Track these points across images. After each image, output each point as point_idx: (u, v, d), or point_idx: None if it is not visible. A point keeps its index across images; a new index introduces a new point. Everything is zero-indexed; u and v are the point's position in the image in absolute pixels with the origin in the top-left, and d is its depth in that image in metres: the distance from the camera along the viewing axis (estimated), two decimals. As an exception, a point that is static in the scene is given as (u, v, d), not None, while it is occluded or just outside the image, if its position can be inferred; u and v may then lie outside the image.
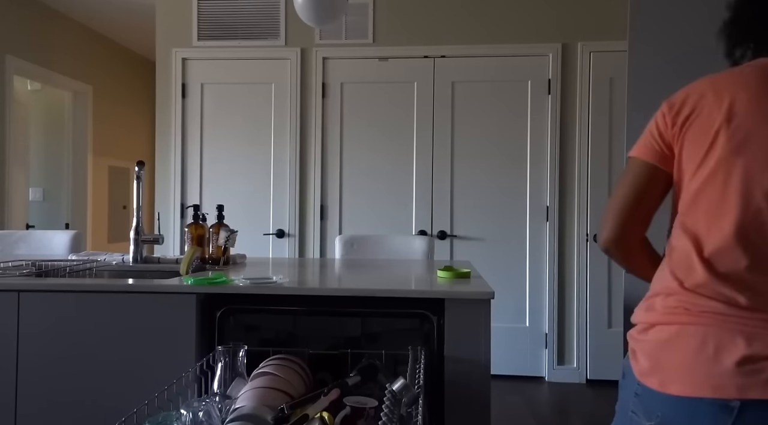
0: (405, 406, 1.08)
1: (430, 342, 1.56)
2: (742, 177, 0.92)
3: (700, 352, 0.89)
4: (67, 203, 4.93)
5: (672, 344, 0.92)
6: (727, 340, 0.88)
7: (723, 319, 0.89)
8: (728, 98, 0.95)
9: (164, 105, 3.94)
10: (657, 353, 0.93)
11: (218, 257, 2.13)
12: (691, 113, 0.98)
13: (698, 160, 0.97)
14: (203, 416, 1.12)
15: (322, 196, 3.86)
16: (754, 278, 0.90)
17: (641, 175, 1.04)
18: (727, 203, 0.93)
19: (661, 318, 0.95)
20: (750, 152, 0.92)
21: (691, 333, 0.90)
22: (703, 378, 0.87)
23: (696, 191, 0.97)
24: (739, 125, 0.93)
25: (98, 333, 1.60)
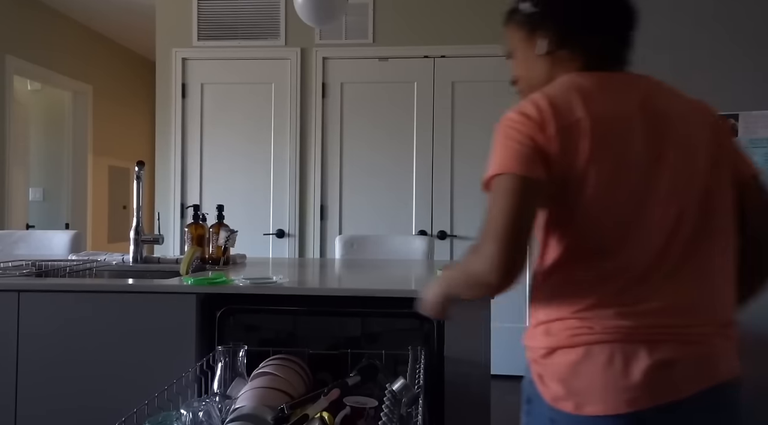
0: (405, 406, 1.08)
1: (430, 342, 1.55)
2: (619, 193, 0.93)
3: (609, 369, 0.89)
4: (67, 203, 4.93)
5: (581, 365, 0.91)
6: (631, 352, 0.89)
7: (624, 332, 0.90)
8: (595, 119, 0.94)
9: (164, 105, 3.94)
10: (567, 376, 0.92)
11: (218, 257, 2.13)
12: (569, 130, 0.94)
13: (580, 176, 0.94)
14: (203, 416, 1.12)
15: (322, 196, 3.86)
16: (644, 289, 0.92)
17: (524, 193, 0.93)
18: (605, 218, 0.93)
19: (564, 342, 0.93)
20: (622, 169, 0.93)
21: (597, 352, 0.90)
22: (616, 394, 0.88)
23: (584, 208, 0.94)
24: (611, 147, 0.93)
25: (98, 333, 1.60)
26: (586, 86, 0.98)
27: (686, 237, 0.94)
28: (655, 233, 0.93)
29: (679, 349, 0.90)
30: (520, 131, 0.95)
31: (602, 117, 0.94)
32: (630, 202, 0.93)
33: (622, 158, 0.93)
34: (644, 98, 0.99)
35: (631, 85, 1.01)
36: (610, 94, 0.98)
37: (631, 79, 1.02)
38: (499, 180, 0.95)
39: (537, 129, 0.94)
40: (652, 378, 0.88)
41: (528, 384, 1.02)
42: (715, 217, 0.97)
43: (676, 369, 0.89)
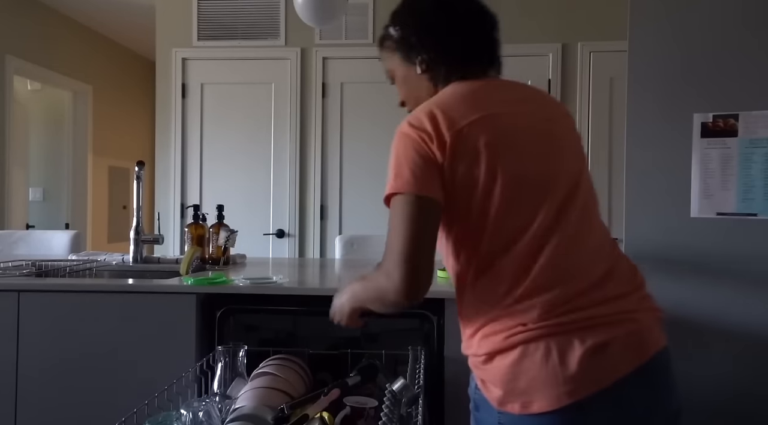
0: (405, 406, 1.08)
1: (430, 342, 1.56)
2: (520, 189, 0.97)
3: (547, 364, 0.90)
4: (67, 203, 4.93)
5: (520, 365, 0.92)
6: (566, 343, 0.91)
7: (554, 326, 0.92)
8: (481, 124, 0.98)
9: (164, 105, 3.94)
10: (509, 379, 0.93)
11: (218, 257, 2.13)
12: (456, 139, 0.96)
13: (481, 181, 0.96)
14: (203, 416, 1.12)
15: (322, 196, 3.85)
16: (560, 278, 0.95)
17: (423, 212, 0.95)
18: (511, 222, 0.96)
19: (500, 345, 0.94)
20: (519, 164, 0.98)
21: (533, 350, 0.91)
22: (557, 389, 0.89)
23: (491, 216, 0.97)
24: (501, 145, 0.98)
25: (98, 333, 1.60)
26: (470, 92, 1.03)
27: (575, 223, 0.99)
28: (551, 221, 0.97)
29: (609, 331, 0.92)
30: (413, 144, 0.97)
31: (491, 119, 0.99)
32: (530, 198, 0.97)
33: (517, 158, 0.98)
34: (524, 100, 1.07)
35: (510, 88, 1.08)
36: (494, 98, 1.03)
37: (508, 84, 1.10)
38: (397, 199, 0.98)
39: (429, 140, 0.96)
40: (588, 365, 0.89)
41: (474, 391, 1.03)
42: (590, 203, 1.04)
43: (610, 351, 0.91)
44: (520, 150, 0.99)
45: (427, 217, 0.95)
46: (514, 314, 0.94)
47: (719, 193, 1.99)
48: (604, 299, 0.95)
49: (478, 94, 1.03)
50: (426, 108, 1.00)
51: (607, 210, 3.68)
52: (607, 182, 3.68)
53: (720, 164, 1.99)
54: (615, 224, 3.67)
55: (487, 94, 1.04)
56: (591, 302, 0.93)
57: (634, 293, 1.00)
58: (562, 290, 0.94)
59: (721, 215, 1.98)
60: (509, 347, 0.93)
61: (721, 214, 1.98)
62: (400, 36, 1.13)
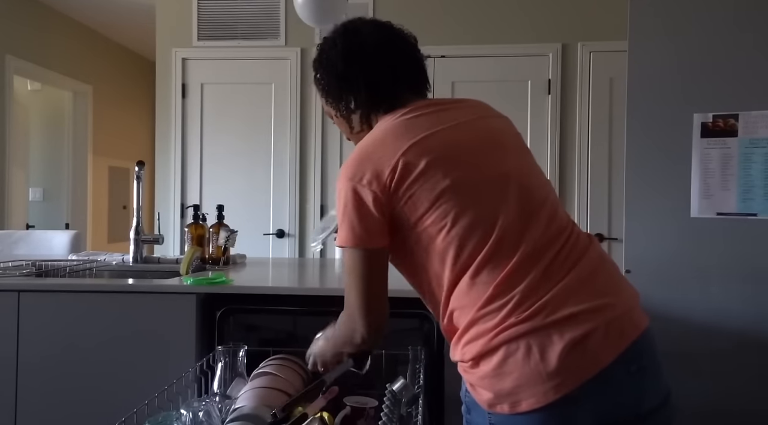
0: (405, 406, 1.08)
1: (430, 342, 1.56)
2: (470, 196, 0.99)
3: (528, 363, 0.91)
4: (67, 203, 4.93)
5: (503, 367, 0.93)
6: (545, 340, 0.91)
7: (532, 324, 0.92)
8: (417, 149, 1.00)
9: (164, 105, 3.94)
10: (493, 382, 0.94)
11: (218, 257, 2.13)
12: (393, 178, 0.99)
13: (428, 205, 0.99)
14: (203, 416, 1.12)
15: (322, 196, 3.85)
16: (522, 278, 0.96)
17: (373, 262, 1.03)
18: (472, 226, 0.98)
19: (484, 348, 0.95)
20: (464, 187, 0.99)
21: (514, 350, 0.92)
22: (542, 386, 0.90)
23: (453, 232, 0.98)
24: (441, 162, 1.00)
25: (98, 333, 1.60)
26: (398, 124, 1.05)
27: (539, 218, 1.00)
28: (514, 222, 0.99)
29: (587, 322, 0.92)
30: (350, 198, 1.01)
31: (424, 142, 1.01)
32: (487, 202, 0.99)
33: (462, 166, 1.00)
34: (451, 109, 1.10)
35: (436, 105, 1.11)
36: (422, 121, 1.05)
37: (433, 102, 1.13)
38: (345, 251, 1.05)
39: (366, 189, 0.99)
40: (569, 359, 0.90)
41: (465, 394, 1.04)
42: (549, 195, 1.08)
43: (591, 342, 0.92)
44: (463, 159, 1.02)
45: (372, 266, 1.03)
46: (493, 316, 0.95)
47: (719, 193, 1.99)
48: (579, 291, 0.95)
49: (407, 123, 1.06)
50: (357, 156, 1.04)
51: (607, 210, 3.68)
52: (607, 181, 3.68)
53: (720, 164, 1.99)
54: (615, 224, 3.67)
55: (415, 120, 1.06)
56: (566, 296, 0.94)
57: (609, 279, 1.01)
58: (536, 288, 0.94)
59: (721, 215, 1.98)
60: (492, 349, 0.94)
61: (721, 214, 1.98)
62: (322, 85, 1.18)
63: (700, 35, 2.02)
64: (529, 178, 1.06)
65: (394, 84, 1.13)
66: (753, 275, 1.96)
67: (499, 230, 0.97)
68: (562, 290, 0.95)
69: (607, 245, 3.69)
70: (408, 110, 1.09)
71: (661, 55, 2.04)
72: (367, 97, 1.12)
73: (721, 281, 1.99)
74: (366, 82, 1.12)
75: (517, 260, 0.96)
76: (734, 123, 1.98)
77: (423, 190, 0.98)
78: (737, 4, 2.00)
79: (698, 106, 2.01)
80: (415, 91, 1.15)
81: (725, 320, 1.98)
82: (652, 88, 2.05)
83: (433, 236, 0.99)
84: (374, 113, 1.13)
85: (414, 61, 1.18)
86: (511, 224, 0.98)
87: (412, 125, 1.05)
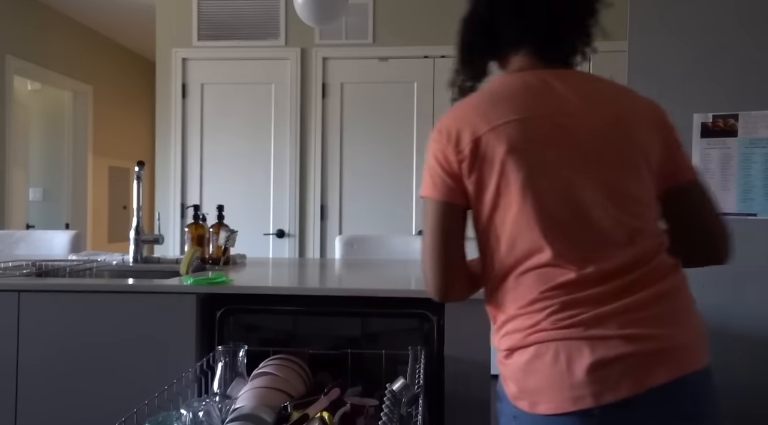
0: (405, 406, 1.08)
1: (430, 342, 1.55)
2: (540, 199, 0.94)
3: (554, 368, 0.90)
4: (67, 203, 4.93)
5: (531, 365, 0.93)
6: (575, 351, 0.89)
7: (567, 332, 0.91)
8: (503, 128, 0.96)
9: (164, 105, 3.94)
10: (520, 377, 0.94)
11: (218, 257, 2.13)
12: (474, 146, 0.97)
13: (494, 189, 0.97)
14: (203, 416, 1.12)
15: (322, 196, 3.86)
16: (580, 288, 0.92)
17: (444, 217, 1.01)
18: (536, 225, 0.94)
19: (519, 343, 0.95)
20: (540, 172, 0.94)
21: (544, 351, 0.91)
22: (562, 393, 0.89)
23: (502, 217, 0.97)
24: (521, 151, 0.95)
25: (98, 333, 1.60)
26: (508, 90, 1.00)
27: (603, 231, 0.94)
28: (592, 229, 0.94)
29: (621, 347, 0.88)
30: (434, 151, 1.01)
31: (520, 124, 0.96)
32: (560, 202, 0.94)
33: (536, 171, 0.94)
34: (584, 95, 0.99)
35: (568, 83, 1.00)
36: (538, 97, 0.99)
37: (570, 78, 1.02)
38: (425, 202, 1.04)
39: (448, 147, 0.99)
40: (594, 376, 0.87)
41: (498, 383, 1.05)
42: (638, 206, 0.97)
43: (620, 367, 0.87)
44: (544, 162, 0.95)
45: (445, 221, 1.01)
46: (532, 317, 0.94)
47: (719, 193, 1.99)
48: (629, 316, 0.90)
49: (519, 92, 0.99)
50: (453, 113, 1.01)
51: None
52: (607, 182, 3.68)
53: (720, 164, 1.99)
54: (615, 224, 3.67)
55: (528, 93, 0.99)
56: (612, 317, 0.90)
57: (670, 311, 0.93)
58: (581, 303, 0.91)
59: (721, 215, 1.98)
60: (524, 346, 0.94)
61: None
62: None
63: (700, 35, 2.02)
64: (618, 192, 0.95)
65: (525, 33, 1.04)
66: (753, 275, 1.96)
67: (557, 240, 0.93)
68: (612, 311, 0.90)
69: (607, 245, 3.69)
70: (533, 76, 1.01)
71: (661, 55, 2.05)
72: (488, 44, 1.07)
73: (720, 281, 1.99)
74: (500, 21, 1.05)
75: (573, 278, 0.92)
76: (734, 123, 1.98)
77: (486, 178, 0.96)
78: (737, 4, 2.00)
79: (698, 106, 2.01)
80: (551, 51, 1.04)
81: (725, 319, 1.97)
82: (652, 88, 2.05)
83: (490, 221, 0.99)
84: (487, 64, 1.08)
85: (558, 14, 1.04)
86: (575, 238, 0.93)
87: (524, 97, 0.98)
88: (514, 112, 0.97)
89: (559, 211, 0.94)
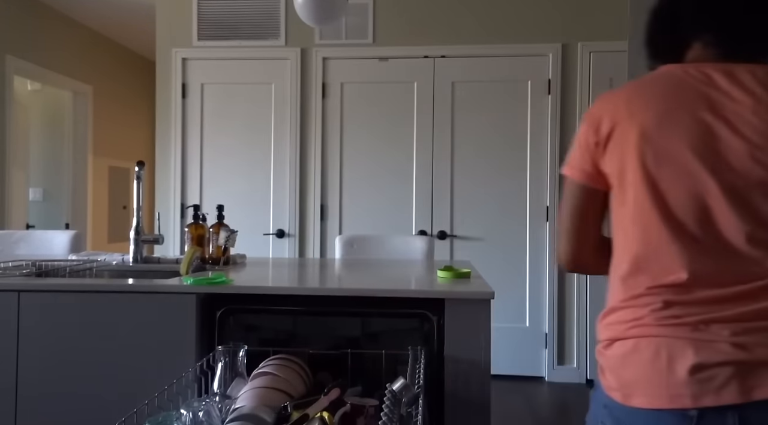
0: (405, 406, 1.08)
1: (430, 342, 1.55)
2: (664, 191, 0.93)
3: (654, 364, 0.90)
4: (67, 203, 4.93)
5: (629, 358, 0.93)
6: (678, 350, 0.88)
7: (671, 330, 0.90)
8: (640, 116, 0.96)
9: (164, 105, 3.94)
10: (617, 368, 0.95)
11: (218, 257, 2.13)
12: (611, 131, 0.99)
13: (618, 176, 0.99)
14: (203, 416, 1.12)
15: (322, 196, 3.86)
16: (690, 289, 0.91)
17: (577, 196, 1.06)
18: (652, 218, 0.94)
19: (620, 333, 0.96)
20: (666, 165, 0.93)
21: (645, 346, 0.91)
22: (659, 390, 0.89)
23: (623, 207, 0.98)
24: (651, 142, 0.94)
25: (98, 333, 1.60)
26: (668, 80, 0.98)
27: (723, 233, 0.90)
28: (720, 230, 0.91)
29: (730, 353, 0.86)
30: (583, 129, 1.04)
31: (666, 117, 0.94)
32: (682, 200, 0.92)
33: (672, 153, 0.93)
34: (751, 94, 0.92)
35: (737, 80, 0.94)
36: (698, 90, 0.94)
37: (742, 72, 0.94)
38: (565, 179, 1.09)
39: (595, 128, 1.01)
40: (695, 378, 0.86)
41: (597, 372, 1.06)
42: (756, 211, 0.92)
43: (721, 374, 0.85)
44: (670, 155, 0.92)
45: (576, 200, 1.06)
46: (636, 311, 0.94)
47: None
48: (744, 323, 0.87)
49: (670, 83, 0.97)
50: (603, 98, 1.03)
51: (607, 210, 3.68)
52: (607, 182, 3.68)
53: (720, 164, 1.99)
54: (615, 224, 3.68)
55: (679, 85, 0.96)
56: (720, 319, 0.88)
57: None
58: (690, 305, 0.90)
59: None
60: (624, 338, 0.95)
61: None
62: None
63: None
64: (749, 205, 0.90)
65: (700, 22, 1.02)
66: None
67: (674, 239, 0.92)
68: (723, 317, 0.88)
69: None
70: (699, 69, 0.97)
71: (661, 55, 2.04)
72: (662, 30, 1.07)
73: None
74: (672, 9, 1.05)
75: (684, 279, 0.91)
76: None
77: (621, 167, 0.97)
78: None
79: (698, 106, 2.01)
80: (729, 43, 1.00)
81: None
82: (652, 88, 2.05)
83: (614, 208, 1.01)
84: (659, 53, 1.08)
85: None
86: (692, 240, 0.91)
87: (661, 89, 0.97)
88: (657, 101, 0.96)
89: (679, 208, 0.92)
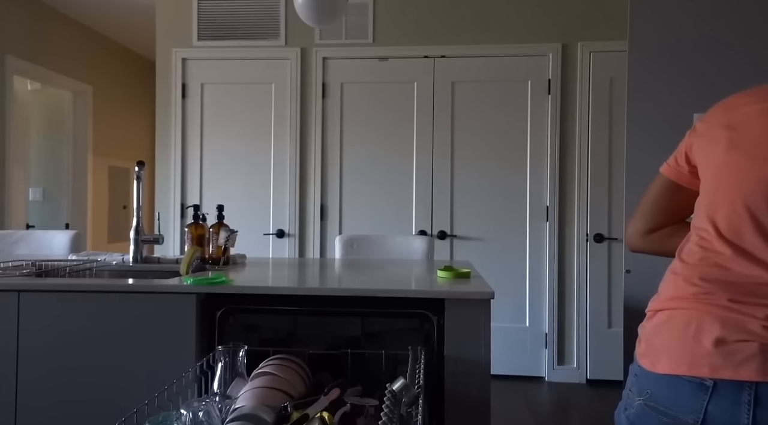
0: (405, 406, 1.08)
1: (430, 342, 1.55)
2: (732, 177, 0.97)
3: (683, 333, 0.94)
4: (67, 203, 4.93)
5: (663, 327, 0.98)
6: (707, 323, 0.93)
7: (706, 305, 0.94)
8: (734, 113, 1.01)
9: (164, 105, 3.94)
10: (651, 336, 1.00)
11: (218, 257, 2.13)
12: (707, 127, 1.05)
13: (704, 164, 1.04)
14: (203, 416, 1.12)
15: (322, 196, 3.86)
16: (732, 270, 0.94)
17: (656, 184, 1.17)
18: (719, 201, 0.98)
19: (662, 304, 1.01)
20: (741, 154, 0.96)
21: (678, 317, 0.97)
22: (682, 357, 0.93)
23: (700, 191, 1.05)
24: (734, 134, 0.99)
25: (98, 333, 1.60)
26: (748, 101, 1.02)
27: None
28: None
29: (759, 332, 0.88)
30: (689, 133, 1.11)
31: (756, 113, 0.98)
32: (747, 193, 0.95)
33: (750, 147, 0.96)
34: None
35: None
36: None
37: None
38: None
39: (693, 129, 1.09)
40: (718, 351, 0.89)
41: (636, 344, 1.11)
42: None
43: (743, 351, 0.88)
44: (748, 148, 0.96)
45: (657, 189, 1.17)
46: (679, 284, 0.99)
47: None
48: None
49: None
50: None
51: (606, 210, 3.68)
52: (606, 182, 3.69)
53: (720, 164, 1.99)
54: (615, 223, 3.68)
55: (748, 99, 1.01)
56: (758, 303, 0.90)
57: None
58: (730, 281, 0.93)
59: (721, 215, 1.98)
60: (663, 309, 1.00)
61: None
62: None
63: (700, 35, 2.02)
64: None
65: None
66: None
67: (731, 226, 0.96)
68: (759, 307, 0.89)
69: (607, 245, 3.69)
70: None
71: (661, 55, 2.05)
72: None
73: None
74: None
75: (728, 255, 0.95)
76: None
77: (700, 159, 1.04)
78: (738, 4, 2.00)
79: (698, 106, 2.01)
80: None
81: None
82: (652, 88, 2.05)
83: (702, 190, 1.06)
84: None
85: None
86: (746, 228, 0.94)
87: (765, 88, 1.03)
88: (757, 98, 1.00)
89: (740, 200, 0.95)
